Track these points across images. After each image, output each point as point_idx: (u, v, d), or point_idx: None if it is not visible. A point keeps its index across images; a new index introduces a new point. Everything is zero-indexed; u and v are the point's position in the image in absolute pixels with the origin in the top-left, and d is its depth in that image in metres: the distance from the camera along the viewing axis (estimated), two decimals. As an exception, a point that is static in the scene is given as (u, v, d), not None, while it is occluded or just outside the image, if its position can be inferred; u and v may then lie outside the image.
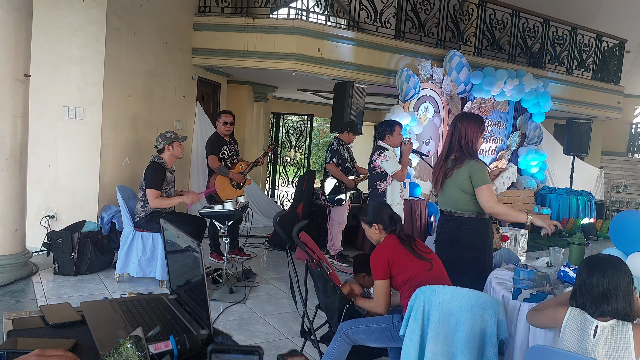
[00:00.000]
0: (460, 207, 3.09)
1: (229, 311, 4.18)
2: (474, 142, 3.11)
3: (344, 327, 2.74)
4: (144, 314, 1.66)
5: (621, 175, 12.89)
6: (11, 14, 4.31)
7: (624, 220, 3.15)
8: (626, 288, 1.96)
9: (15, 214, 4.55)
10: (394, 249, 2.76)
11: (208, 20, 7.16)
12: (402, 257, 2.73)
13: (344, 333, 2.73)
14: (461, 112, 3.26)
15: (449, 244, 3.13)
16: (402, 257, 2.74)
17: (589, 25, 10.67)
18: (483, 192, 2.99)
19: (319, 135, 20.93)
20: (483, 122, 3.19)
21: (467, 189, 3.04)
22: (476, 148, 3.13)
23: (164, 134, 4.74)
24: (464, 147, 3.10)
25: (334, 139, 5.95)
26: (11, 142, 4.43)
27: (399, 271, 2.72)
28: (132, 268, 4.56)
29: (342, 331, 2.73)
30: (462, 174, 3.05)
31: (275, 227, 3.49)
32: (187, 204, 4.90)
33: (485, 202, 2.98)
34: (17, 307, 3.97)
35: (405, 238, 2.83)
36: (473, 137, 3.10)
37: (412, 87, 7.38)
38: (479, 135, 3.13)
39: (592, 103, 10.37)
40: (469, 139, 3.10)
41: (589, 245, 3.81)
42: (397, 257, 2.73)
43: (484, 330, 2.27)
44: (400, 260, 2.73)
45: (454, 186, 3.09)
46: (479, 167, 3.04)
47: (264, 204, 8.39)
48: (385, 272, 2.73)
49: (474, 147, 3.11)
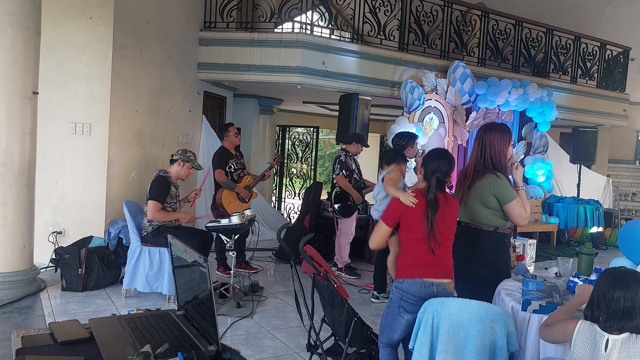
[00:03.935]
0: (478, 220, 3.01)
1: (237, 326, 4.16)
2: (501, 154, 2.99)
3: (379, 337, 2.85)
4: (152, 330, 1.66)
5: (629, 183, 12.81)
6: (20, 33, 4.37)
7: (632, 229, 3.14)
8: None
9: (23, 230, 4.58)
10: (413, 208, 2.68)
11: (213, 35, 7.23)
12: (415, 220, 2.69)
13: (379, 342, 2.82)
14: (485, 124, 3.16)
15: (464, 257, 3.03)
16: (415, 219, 2.68)
17: (593, 33, 10.68)
18: (514, 209, 2.91)
19: (325, 146, 20.97)
20: (509, 131, 3.07)
21: (488, 202, 2.96)
22: (505, 161, 3.00)
23: (185, 150, 4.83)
24: (491, 160, 2.99)
25: (341, 150, 5.96)
26: (20, 158, 4.47)
27: (406, 230, 2.74)
28: (139, 283, 4.56)
29: (379, 342, 2.83)
30: (483, 187, 2.96)
31: (279, 242, 3.49)
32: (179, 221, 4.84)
33: (518, 219, 2.92)
34: (25, 323, 3.97)
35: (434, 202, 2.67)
36: (501, 148, 2.98)
37: (417, 98, 7.40)
38: (507, 145, 3.01)
39: (597, 111, 10.34)
40: (496, 151, 2.98)
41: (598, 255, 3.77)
42: (410, 216, 2.70)
43: (494, 343, 2.25)
44: (412, 221, 2.70)
45: (474, 198, 3.01)
46: (502, 183, 2.93)
47: (271, 217, 8.39)
48: (393, 222, 2.75)
49: (502, 161, 2.99)
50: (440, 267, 2.68)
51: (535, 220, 8.57)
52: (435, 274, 2.66)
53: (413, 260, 2.69)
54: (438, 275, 2.66)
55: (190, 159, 4.76)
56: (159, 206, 4.54)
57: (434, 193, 2.68)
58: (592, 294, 2.03)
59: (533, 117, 9.01)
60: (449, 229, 2.72)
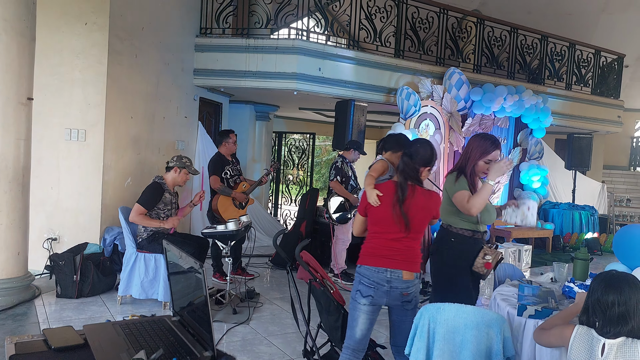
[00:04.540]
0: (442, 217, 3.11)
1: (233, 332, 4.14)
2: (470, 160, 3.02)
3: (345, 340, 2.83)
4: (147, 336, 1.65)
5: (624, 189, 12.86)
6: (15, 39, 4.37)
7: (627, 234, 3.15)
8: None
9: (18, 237, 4.55)
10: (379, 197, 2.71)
11: (209, 41, 7.24)
12: (377, 214, 2.71)
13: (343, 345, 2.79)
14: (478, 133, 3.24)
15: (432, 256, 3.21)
16: (378, 212, 2.71)
17: (587, 40, 10.76)
18: (456, 199, 2.95)
19: (321, 153, 20.98)
20: (492, 141, 3.03)
21: (445, 200, 3.07)
22: (470, 164, 3.01)
23: (181, 156, 4.80)
24: (461, 162, 3.09)
25: (338, 156, 5.97)
26: (14, 165, 4.45)
27: (370, 221, 2.78)
28: (134, 290, 4.54)
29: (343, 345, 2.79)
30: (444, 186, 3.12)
31: (275, 248, 3.48)
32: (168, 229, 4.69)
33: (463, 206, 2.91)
34: (19, 330, 3.94)
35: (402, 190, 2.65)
36: (475, 154, 3.01)
37: (413, 104, 7.42)
38: (478, 152, 3.01)
39: (592, 118, 10.40)
40: (468, 156, 3.05)
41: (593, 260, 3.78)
42: (374, 210, 2.72)
43: (490, 348, 2.25)
44: (375, 214, 2.73)
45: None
46: (450, 177, 3.06)
47: (267, 223, 8.38)
48: (362, 211, 2.81)
49: (468, 165, 3.02)
50: (399, 260, 2.65)
51: (530, 226, 8.59)
52: (393, 265, 2.65)
53: (372, 251, 2.72)
54: (395, 267, 2.65)
55: (186, 165, 4.75)
56: (143, 211, 4.51)
57: (402, 179, 2.69)
58: (587, 300, 2.03)
59: (528, 124, 9.05)
60: (415, 220, 2.66)
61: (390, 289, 2.64)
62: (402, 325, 2.71)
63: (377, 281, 2.65)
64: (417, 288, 2.72)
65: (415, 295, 2.72)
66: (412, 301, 2.70)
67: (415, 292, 2.71)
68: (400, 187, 2.67)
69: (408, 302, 2.68)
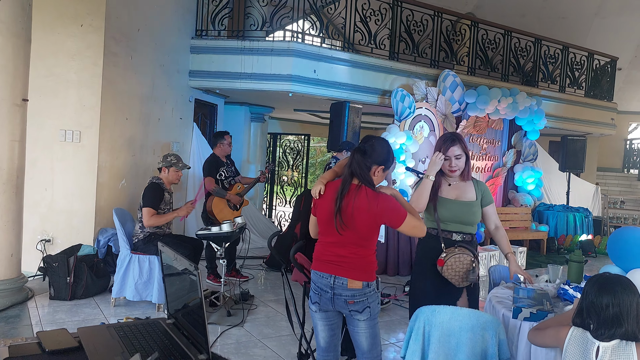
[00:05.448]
0: None
1: (227, 334, 4.13)
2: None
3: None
4: (142, 339, 1.64)
5: (617, 191, 12.94)
6: (10, 41, 4.35)
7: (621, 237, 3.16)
8: (637, 309, 1.92)
9: (11, 239, 4.53)
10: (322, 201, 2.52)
11: (205, 43, 7.23)
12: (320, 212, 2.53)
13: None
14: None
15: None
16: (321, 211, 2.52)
17: (581, 43, 10.83)
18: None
19: (316, 154, 20.98)
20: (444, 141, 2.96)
21: None
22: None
23: (166, 155, 4.77)
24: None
25: (332, 158, 5.98)
26: (8, 166, 4.42)
27: (318, 221, 2.57)
28: (128, 292, 4.52)
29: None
30: None
31: (270, 249, 3.47)
32: (181, 218, 4.81)
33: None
34: (12, 333, 3.92)
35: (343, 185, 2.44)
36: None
37: (407, 106, 7.44)
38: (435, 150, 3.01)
39: (585, 120, 10.46)
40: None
41: (588, 262, 3.79)
42: (318, 208, 2.54)
43: (485, 351, 2.25)
44: (318, 213, 2.55)
45: None
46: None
47: (262, 225, 8.37)
48: (314, 210, 2.61)
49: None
50: (344, 267, 2.43)
51: (525, 228, 8.62)
52: (337, 271, 2.45)
53: (318, 255, 2.56)
54: (340, 273, 2.44)
55: (172, 162, 4.72)
56: (153, 212, 4.51)
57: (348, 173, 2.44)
58: (580, 302, 2.03)
59: (522, 126, 9.09)
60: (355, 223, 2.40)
61: (334, 295, 2.44)
62: (355, 335, 2.51)
63: (321, 287, 2.49)
64: (368, 298, 2.45)
65: (368, 306, 2.45)
66: (362, 312, 2.44)
67: (367, 303, 2.44)
68: (343, 181, 2.44)
69: (357, 311, 2.44)
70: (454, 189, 3.00)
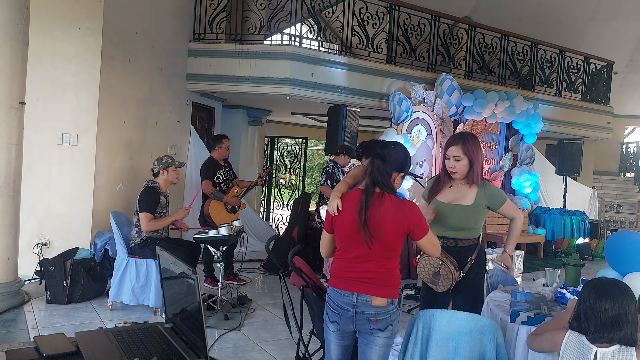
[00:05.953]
0: None
1: (224, 338, 4.12)
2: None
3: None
4: (140, 343, 1.64)
5: (614, 195, 12.98)
6: (8, 44, 4.34)
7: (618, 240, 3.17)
8: (634, 313, 1.92)
9: (8, 242, 4.51)
10: (342, 216, 2.35)
11: (202, 46, 7.24)
12: (340, 225, 2.35)
13: None
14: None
15: None
16: (341, 225, 2.35)
17: (577, 47, 10.89)
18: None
19: (314, 157, 20.99)
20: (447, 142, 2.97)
21: None
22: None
23: (160, 158, 4.75)
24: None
25: (330, 161, 5.98)
26: (5, 169, 4.41)
27: (337, 238, 2.42)
28: (125, 295, 4.51)
29: None
30: None
31: (268, 253, 3.47)
32: (179, 221, 4.78)
33: None
34: (8, 337, 3.90)
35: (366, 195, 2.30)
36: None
37: (405, 110, 7.46)
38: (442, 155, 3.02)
39: (582, 124, 10.50)
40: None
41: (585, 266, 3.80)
42: (338, 222, 2.36)
43: (483, 355, 2.25)
44: (338, 227, 2.37)
45: None
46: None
47: (259, 228, 8.36)
48: (329, 227, 2.43)
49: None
50: (370, 284, 2.31)
51: (522, 232, 8.63)
52: (361, 288, 2.32)
53: (339, 273, 2.40)
54: (364, 291, 2.31)
55: (169, 162, 4.70)
56: (150, 216, 4.50)
57: (370, 182, 2.32)
58: (577, 307, 2.02)
59: (519, 129, 9.12)
60: (383, 233, 2.28)
61: (356, 314, 2.31)
62: (366, 351, 2.35)
63: (342, 305, 2.34)
64: (391, 315, 2.32)
65: (390, 323, 2.32)
66: (385, 330, 2.31)
67: (390, 320, 2.32)
68: (365, 191, 2.32)
69: (379, 329, 2.30)
70: (453, 192, 2.96)
